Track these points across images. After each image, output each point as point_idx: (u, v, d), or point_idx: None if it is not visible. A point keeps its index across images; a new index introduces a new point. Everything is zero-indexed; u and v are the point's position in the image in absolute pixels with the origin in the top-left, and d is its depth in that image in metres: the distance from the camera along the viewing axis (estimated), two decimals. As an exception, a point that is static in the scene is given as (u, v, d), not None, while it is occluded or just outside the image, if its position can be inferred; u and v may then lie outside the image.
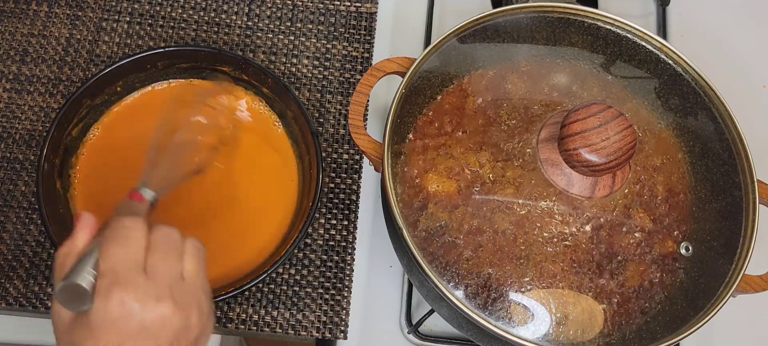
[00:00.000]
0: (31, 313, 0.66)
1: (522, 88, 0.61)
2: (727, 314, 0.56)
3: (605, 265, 0.56)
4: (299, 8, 0.78)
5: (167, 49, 0.67)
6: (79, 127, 0.66)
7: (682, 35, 0.82)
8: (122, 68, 0.66)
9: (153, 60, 0.67)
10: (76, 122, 0.65)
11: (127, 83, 0.67)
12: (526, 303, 0.55)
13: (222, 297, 0.60)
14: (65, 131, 0.64)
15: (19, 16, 0.75)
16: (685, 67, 0.62)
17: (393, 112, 0.59)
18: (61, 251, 0.47)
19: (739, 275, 0.56)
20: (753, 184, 0.58)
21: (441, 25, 0.80)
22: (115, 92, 0.67)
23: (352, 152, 0.72)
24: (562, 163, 0.55)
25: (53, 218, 0.61)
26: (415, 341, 0.68)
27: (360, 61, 0.76)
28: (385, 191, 0.57)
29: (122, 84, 0.67)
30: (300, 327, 0.66)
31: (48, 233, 0.60)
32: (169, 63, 0.68)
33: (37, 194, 0.61)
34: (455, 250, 0.56)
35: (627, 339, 0.55)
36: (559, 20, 0.64)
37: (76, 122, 0.65)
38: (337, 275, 0.68)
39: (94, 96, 0.66)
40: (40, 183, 0.61)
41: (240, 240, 0.65)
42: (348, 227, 0.70)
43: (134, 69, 0.67)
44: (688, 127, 0.61)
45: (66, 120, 0.64)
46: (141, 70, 0.67)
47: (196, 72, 0.69)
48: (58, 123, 0.63)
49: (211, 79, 0.68)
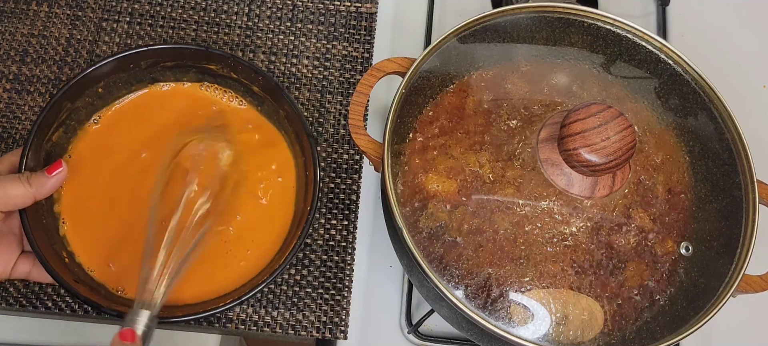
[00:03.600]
0: (31, 313, 0.66)
1: (522, 88, 0.61)
2: (727, 314, 0.56)
3: (605, 265, 0.56)
4: (299, 8, 0.78)
5: (151, 47, 0.63)
6: (59, 132, 0.62)
7: (682, 35, 0.82)
8: (104, 68, 0.62)
9: (135, 59, 0.63)
10: (57, 126, 0.61)
11: (108, 84, 0.63)
12: (526, 303, 0.55)
13: (221, 308, 0.57)
14: (45, 137, 0.60)
15: (19, 16, 0.75)
16: (685, 67, 0.62)
17: (393, 112, 0.59)
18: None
19: (739, 275, 0.56)
20: (753, 184, 0.58)
21: (441, 25, 0.80)
22: (96, 94, 0.63)
23: (352, 152, 0.72)
24: (562, 164, 0.55)
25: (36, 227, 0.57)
26: (415, 341, 0.68)
27: (360, 61, 0.76)
28: (385, 190, 0.57)
29: (104, 85, 0.63)
30: (300, 327, 0.66)
31: (30, 241, 0.56)
32: (153, 62, 0.64)
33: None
34: (455, 250, 0.56)
35: (627, 339, 0.55)
36: (559, 20, 0.64)
37: (56, 126, 0.61)
38: (337, 275, 0.68)
39: (74, 99, 0.62)
40: None
41: (240, 248, 0.62)
42: (348, 227, 0.70)
43: (116, 69, 0.63)
44: (688, 127, 0.61)
45: (46, 125, 0.60)
46: (123, 71, 0.63)
47: (182, 71, 0.65)
48: (39, 128, 0.59)
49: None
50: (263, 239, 0.62)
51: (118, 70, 0.63)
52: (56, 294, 0.65)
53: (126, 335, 0.51)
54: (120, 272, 0.60)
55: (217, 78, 0.66)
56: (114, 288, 0.60)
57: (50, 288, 0.66)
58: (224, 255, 0.62)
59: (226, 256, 0.62)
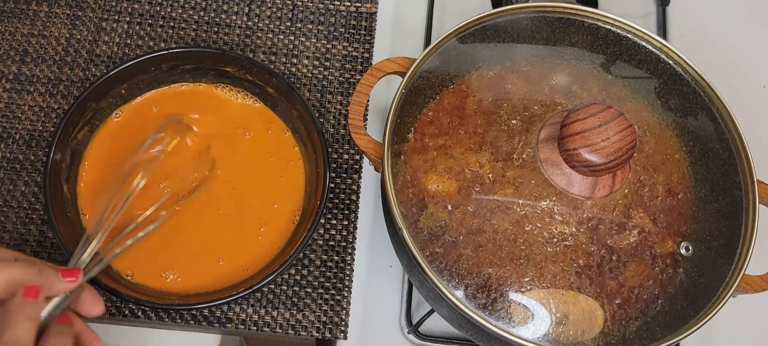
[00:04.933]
0: (31, 313, 0.66)
1: (522, 88, 0.61)
2: (727, 314, 0.56)
3: (605, 265, 0.56)
4: (299, 8, 0.78)
5: (171, 50, 0.67)
6: (84, 130, 0.66)
7: (682, 35, 0.82)
8: (127, 70, 0.66)
9: (157, 62, 0.67)
10: (82, 126, 0.65)
11: (131, 85, 0.67)
12: (526, 303, 0.55)
13: (232, 297, 0.60)
14: (71, 135, 0.64)
15: (19, 16, 0.75)
16: (685, 67, 0.62)
17: (393, 112, 0.59)
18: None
19: (739, 275, 0.56)
20: (753, 184, 0.58)
21: (441, 25, 0.80)
22: (119, 95, 0.67)
23: (352, 152, 0.72)
24: (562, 164, 0.55)
25: (61, 222, 0.61)
26: (415, 341, 0.68)
27: (360, 61, 0.76)
28: (385, 191, 0.57)
29: (126, 86, 0.67)
30: (300, 327, 0.66)
31: (56, 236, 0.60)
32: (174, 65, 0.68)
33: (45, 198, 0.61)
34: (455, 250, 0.56)
35: (627, 339, 0.55)
36: (559, 20, 0.64)
37: (81, 125, 0.65)
38: (337, 275, 0.68)
39: (99, 99, 0.66)
40: (48, 187, 0.61)
41: (249, 241, 0.65)
42: (348, 227, 0.70)
43: (139, 71, 0.67)
44: (688, 127, 0.61)
45: (72, 123, 0.64)
46: (145, 73, 0.67)
47: (200, 73, 0.69)
48: (64, 127, 0.63)
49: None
50: (272, 233, 0.65)
51: (141, 72, 0.67)
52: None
53: (69, 273, 0.52)
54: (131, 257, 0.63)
55: (233, 80, 0.69)
56: (123, 272, 0.63)
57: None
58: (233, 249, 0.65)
59: (235, 250, 0.65)
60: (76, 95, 0.72)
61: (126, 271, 0.63)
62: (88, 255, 0.56)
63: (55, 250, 0.67)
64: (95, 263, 0.56)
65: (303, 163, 0.68)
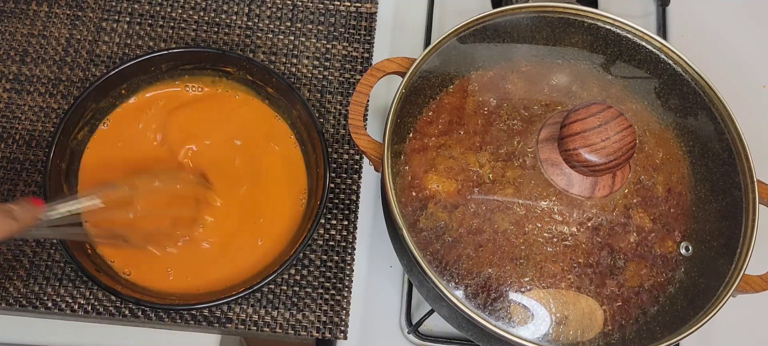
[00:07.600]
0: (31, 313, 0.66)
1: (522, 88, 0.61)
2: (727, 314, 0.56)
3: (605, 265, 0.56)
4: (299, 8, 0.78)
5: (171, 50, 0.67)
6: (84, 130, 0.66)
7: (682, 35, 0.82)
8: (127, 70, 0.66)
9: (157, 62, 0.67)
10: (82, 126, 0.66)
11: (131, 85, 0.67)
12: (526, 303, 0.55)
13: (232, 297, 0.60)
14: (71, 135, 0.65)
15: (19, 16, 0.75)
16: (685, 67, 0.62)
17: (393, 112, 0.59)
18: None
19: (739, 275, 0.56)
20: (753, 184, 0.58)
21: (441, 25, 0.80)
22: (120, 95, 0.67)
23: (352, 152, 0.72)
24: (562, 163, 0.55)
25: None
26: (415, 341, 0.68)
27: (360, 61, 0.76)
28: (385, 190, 0.57)
29: (126, 86, 0.67)
30: (300, 327, 0.66)
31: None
32: (174, 65, 0.68)
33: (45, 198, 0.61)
34: (455, 250, 0.56)
35: (627, 339, 0.55)
36: (559, 20, 0.64)
37: (81, 126, 0.65)
38: (337, 275, 0.68)
39: (99, 99, 0.66)
40: (48, 187, 0.61)
41: (249, 241, 0.65)
42: (348, 227, 0.70)
43: (139, 71, 0.67)
44: (688, 127, 0.61)
45: (71, 124, 0.64)
46: (145, 73, 0.67)
47: (200, 73, 0.69)
48: (64, 127, 0.63)
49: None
50: (273, 233, 0.65)
51: (140, 72, 0.67)
52: (56, 294, 0.66)
53: (37, 202, 0.54)
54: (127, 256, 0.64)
55: (233, 80, 0.69)
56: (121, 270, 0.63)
57: (50, 288, 0.66)
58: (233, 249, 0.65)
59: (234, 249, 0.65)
60: (76, 95, 0.72)
61: (124, 269, 0.63)
62: (66, 208, 0.56)
63: (55, 250, 0.67)
64: (70, 219, 0.56)
65: (303, 163, 0.68)
